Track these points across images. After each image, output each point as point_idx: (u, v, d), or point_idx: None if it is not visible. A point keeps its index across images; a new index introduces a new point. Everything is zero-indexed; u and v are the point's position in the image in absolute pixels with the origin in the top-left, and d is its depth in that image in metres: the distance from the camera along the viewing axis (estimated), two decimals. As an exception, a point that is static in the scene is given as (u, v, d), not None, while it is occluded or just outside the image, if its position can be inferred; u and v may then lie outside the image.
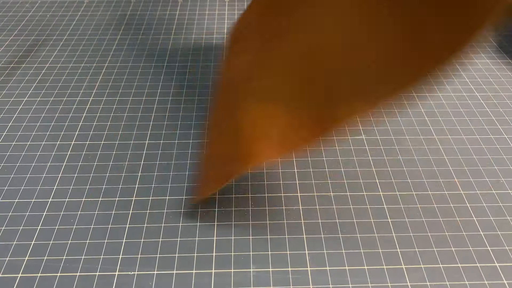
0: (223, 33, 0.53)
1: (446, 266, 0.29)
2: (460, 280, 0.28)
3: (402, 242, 0.31)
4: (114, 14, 0.58)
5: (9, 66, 0.48)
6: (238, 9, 0.59)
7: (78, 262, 0.29)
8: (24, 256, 0.30)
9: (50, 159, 0.36)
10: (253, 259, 0.30)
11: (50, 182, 0.35)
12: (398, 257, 0.30)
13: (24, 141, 0.38)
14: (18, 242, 0.30)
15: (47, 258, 0.29)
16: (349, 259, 0.29)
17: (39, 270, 0.29)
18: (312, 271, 0.29)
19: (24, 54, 0.50)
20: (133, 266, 0.29)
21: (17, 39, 0.52)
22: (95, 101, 0.43)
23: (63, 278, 0.28)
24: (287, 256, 0.30)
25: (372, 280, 0.28)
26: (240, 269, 0.29)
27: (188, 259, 0.30)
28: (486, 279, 0.29)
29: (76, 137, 0.39)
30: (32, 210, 0.32)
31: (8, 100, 0.43)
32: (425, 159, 0.37)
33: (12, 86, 0.45)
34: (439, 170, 0.36)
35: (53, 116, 0.41)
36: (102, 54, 0.49)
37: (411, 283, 0.28)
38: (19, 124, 0.40)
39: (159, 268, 0.29)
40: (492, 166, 0.36)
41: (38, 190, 0.34)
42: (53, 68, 0.47)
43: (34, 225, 0.31)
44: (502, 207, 0.33)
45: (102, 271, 0.29)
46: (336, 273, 0.29)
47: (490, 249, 0.30)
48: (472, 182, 0.35)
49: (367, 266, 0.29)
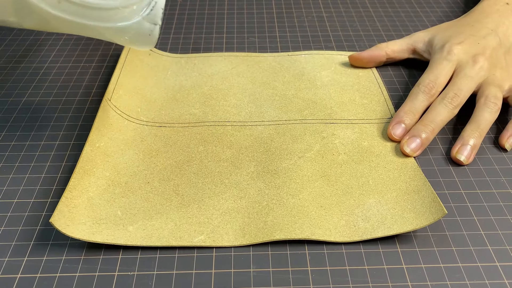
0: (222, 32, 0.53)
1: (447, 266, 0.29)
2: (461, 280, 0.28)
3: (402, 243, 0.30)
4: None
5: (8, 66, 0.47)
6: (238, 8, 0.59)
7: (78, 263, 0.29)
8: (23, 257, 0.29)
9: (49, 159, 0.36)
10: (253, 259, 0.29)
11: (49, 182, 0.34)
12: (398, 257, 0.30)
13: (23, 141, 0.38)
14: (17, 243, 0.30)
15: (46, 258, 0.29)
16: (349, 259, 0.29)
17: (39, 270, 0.29)
18: (312, 271, 0.29)
19: (23, 53, 0.50)
20: (132, 266, 0.29)
21: (16, 39, 0.52)
22: (95, 101, 0.42)
23: (63, 279, 0.28)
24: (287, 256, 0.30)
25: (372, 280, 0.28)
26: (240, 269, 0.29)
27: (188, 259, 0.29)
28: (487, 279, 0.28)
29: (75, 137, 0.38)
30: (31, 211, 0.32)
31: (7, 100, 0.43)
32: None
33: (11, 86, 0.44)
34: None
35: (52, 116, 0.41)
36: (101, 54, 0.49)
37: (412, 282, 0.28)
38: (18, 124, 0.40)
39: (158, 268, 0.29)
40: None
41: (37, 190, 0.34)
42: (52, 68, 0.47)
43: (33, 226, 0.31)
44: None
45: (101, 271, 0.29)
46: (336, 273, 0.29)
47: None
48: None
49: (367, 266, 0.29)
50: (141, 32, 0.30)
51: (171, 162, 0.35)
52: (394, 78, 0.46)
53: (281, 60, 0.48)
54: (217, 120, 0.39)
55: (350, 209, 0.32)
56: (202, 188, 0.33)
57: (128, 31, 0.30)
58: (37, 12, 0.27)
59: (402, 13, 0.58)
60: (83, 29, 0.29)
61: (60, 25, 0.28)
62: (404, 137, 0.37)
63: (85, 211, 0.31)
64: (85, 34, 0.30)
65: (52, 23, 0.28)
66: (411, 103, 0.39)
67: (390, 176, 0.34)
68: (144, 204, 0.32)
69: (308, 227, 0.30)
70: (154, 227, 0.31)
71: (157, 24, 0.30)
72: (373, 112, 0.41)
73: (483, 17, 0.45)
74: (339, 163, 0.35)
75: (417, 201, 0.32)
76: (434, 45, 0.43)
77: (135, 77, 0.43)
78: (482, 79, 0.39)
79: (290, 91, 0.43)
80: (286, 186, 0.33)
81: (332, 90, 0.43)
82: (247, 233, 0.30)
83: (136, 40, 0.31)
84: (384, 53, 0.46)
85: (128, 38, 0.30)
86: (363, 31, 0.54)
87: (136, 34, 0.30)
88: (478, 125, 0.37)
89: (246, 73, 0.45)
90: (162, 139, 0.37)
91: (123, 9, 0.28)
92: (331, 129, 0.39)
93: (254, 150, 0.37)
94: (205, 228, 0.31)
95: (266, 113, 0.40)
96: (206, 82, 0.44)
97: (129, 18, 0.29)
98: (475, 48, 0.41)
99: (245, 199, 0.33)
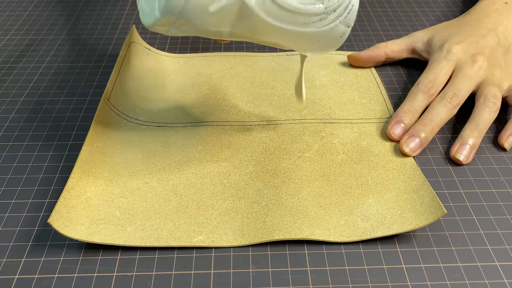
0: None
1: (446, 265, 0.29)
2: (461, 279, 0.28)
3: (402, 242, 0.30)
4: (111, 13, 0.57)
5: (6, 66, 0.47)
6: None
7: (76, 264, 0.29)
8: (21, 258, 0.29)
9: (47, 160, 0.36)
10: (252, 259, 0.29)
11: (47, 182, 0.34)
12: (398, 256, 0.29)
13: (21, 141, 0.38)
14: (15, 244, 0.30)
15: (44, 259, 0.29)
16: (348, 259, 0.29)
17: (37, 271, 0.28)
18: (312, 271, 0.29)
19: (20, 53, 0.49)
20: (131, 266, 0.29)
21: (14, 39, 0.52)
22: (93, 101, 0.42)
23: (61, 280, 0.28)
24: (286, 256, 0.30)
25: (372, 280, 0.28)
26: (239, 270, 0.29)
27: (186, 259, 0.29)
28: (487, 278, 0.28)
29: (74, 137, 0.38)
30: (29, 211, 0.32)
31: (5, 100, 0.42)
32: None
33: (9, 86, 0.44)
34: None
35: (50, 116, 0.41)
36: (99, 54, 0.49)
37: (411, 282, 0.28)
38: (16, 124, 0.40)
39: (157, 268, 0.29)
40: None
41: (35, 191, 0.34)
42: (50, 68, 0.47)
43: (31, 226, 0.31)
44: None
45: (100, 272, 0.28)
46: (335, 273, 0.29)
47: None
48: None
49: (366, 266, 0.29)
50: (334, 35, 0.30)
51: (169, 162, 0.35)
52: (393, 77, 0.46)
53: (280, 60, 0.48)
54: (216, 120, 0.39)
55: (349, 209, 0.32)
56: (201, 188, 0.33)
57: (323, 36, 0.30)
58: (252, 20, 0.28)
59: (400, 13, 0.58)
60: (281, 36, 0.29)
61: (264, 33, 0.29)
62: (403, 137, 0.37)
63: (83, 212, 0.31)
64: (280, 41, 0.31)
65: (259, 31, 0.29)
66: (410, 102, 0.39)
67: (389, 175, 0.34)
68: (143, 204, 0.32)
69: (307, 227, 0.30)
70: (152, 228, 0.30)
71: (350, 26, 0.30)
72: (372, 111, 0.41)
73: (482, 17, 0.45)
74: (338, 163, 0.35)
75: (417, 201, 0.32)
76: (433, 44, 0.43)
77: (133, 77, 0.43)
78: (481, 78, 0.39)
79: (289, 91, 0.43)
80: (285, 186, 0.33)
81: (331, 89, 0.43)
82: (246, 233, 0.30)
83: (325, 43, 0.31)
84: (383, 53, 0.46)
85: (319, 41, 0.31)
86: (362, 31, 0.54)
87: (328, 37, 0.30)
88: (477, 125, 0.37)
89: (244, 73, 0.45)
90: (160, 139, 0.37)
91: (326, 14, 0.29)
92: (330, 129, 0.39)
93: (253, 150, 0.36)
94: (204, 228, 0.31)
95: (265, 113, 0.40)
96: (204, 82, 0.44)
97: (329, 21, 0.29)
98: (474, 47, 0.41)
99: (244, 199, 0.32)
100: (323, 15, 0.29)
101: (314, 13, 0.28)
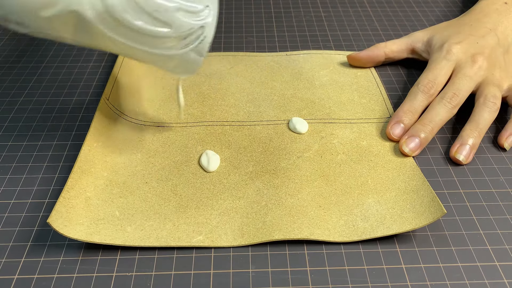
0: (220, 32, 0.53)
1: (446, 265, 0.29)
2: (460, 279, 0.28)
3: (402, 242, 0.30)
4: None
5: (5, 66, 0.47)
6: (236, 7, 0.59)
7: (76, 264, 0.29)
8: (20, 258, 0.29)
9: (46, 160, 0.36)
10: (252, 259, 0.29)
11: (47, 182, 0.34)
12: (397, 256, 0.29)
13: (20, 141, 0.38)
14: (15, 244, 0.30)
15: (43, 259, 0.29)
16: (348, 259, 0.29)
17: (36, 271, 0.28)
18: (311, 271, 0.29)
19: (20, 53, 0.49)
20: (131, 267, 0.29)
21: (13, 38, 0.52)
22: (92, 101, 0.42)
23: (61, 280, 0.28)
24: (286, 256, 0.29)
25: (371, 280, 0.28)
26: (238, 270, 0.29)
27: (186, 259, 0.29)
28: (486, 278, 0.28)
29: (73, 136, 0.38)
30: (28, 211, 0.32)
31: (4, 100, 0.42)
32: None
33: (8, 86, 0.44)
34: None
35: (49, 116, 0.40)
36: (99, 54, 0.49)
37: (411, 282, 0.28)
38: (15, 124, 0.40)
39: (157, 268, 0.29)
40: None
41: (34, 191, 0.34)
42: (49, 68, 0.47)
43: (31, 226, 0.31)
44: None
45: (99, 272, 0.28)
46: (335, 273, 0.28)
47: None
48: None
49: (366, 266, 0.29)
50: (185, 61, 0.31)
51: (169, 162, 0.35)
52: (392, 77, 0.46)
53: (280, 60, 0.48)
54: (215, 120, 0.39)
55: (349, 209, 0.32)
56: (200, 188, 0.33)
57: (174, 60, 0.31)
58: (94, 32, 0.28)
59: (400, 13, 0.58)
60: (131, 51, 0.30)
61: (112, 46, 0.29)
62: (403, 137, 0.37)
63: (83, 212, 0.31)
64: (131, 55, 0.31)
65: (105, 44, 0.29)
66: (410, 102, 0.39)
67: (389, 175, 0.34)
68: (142, 204, 0.32)
69: (307, 227, 0.30)
70: (152, 228, 0.30)
71: (202, 56, 0.31)
72: (371, 111, 0.41)
73: (482, 17, 0.45)
74: (337, 163, 0.35)
75: (416, 201, 0.32)
76: (433, 44, 0.43)
77: (133, 77, 0.43)
78: (481, 78, 0.39)
79: (288, 91, 0.43)
80: (284, 186, 0.33)
81: (331, 89, 0.43)
82: (246, 233, 0.30)
83: (179, 68, 0.32)
84: (383, 53, 0.46)
85: (172, 65, 0.31)
86: (362, 30, 0.54)
87: (180, 63, 0.31)
88: (477, 125, 0.37)
89: (244, 73, 0.45)
90: (160, 139, 0.37)
91: (175, 39, 0.29)
92: (329, 129, 0.39)
93: (252, 150, 0.36)
94: (203, 228, 0.31)
95: (265, 112, 0.40)
96: (204, 81, 0.44)
97: (178, 47, 0.30)
98: (474, 47, 0.41)
99: (244, 199, 0.32)
100: (172, 40, 0.29)
101: (162, 36, 0.28)
